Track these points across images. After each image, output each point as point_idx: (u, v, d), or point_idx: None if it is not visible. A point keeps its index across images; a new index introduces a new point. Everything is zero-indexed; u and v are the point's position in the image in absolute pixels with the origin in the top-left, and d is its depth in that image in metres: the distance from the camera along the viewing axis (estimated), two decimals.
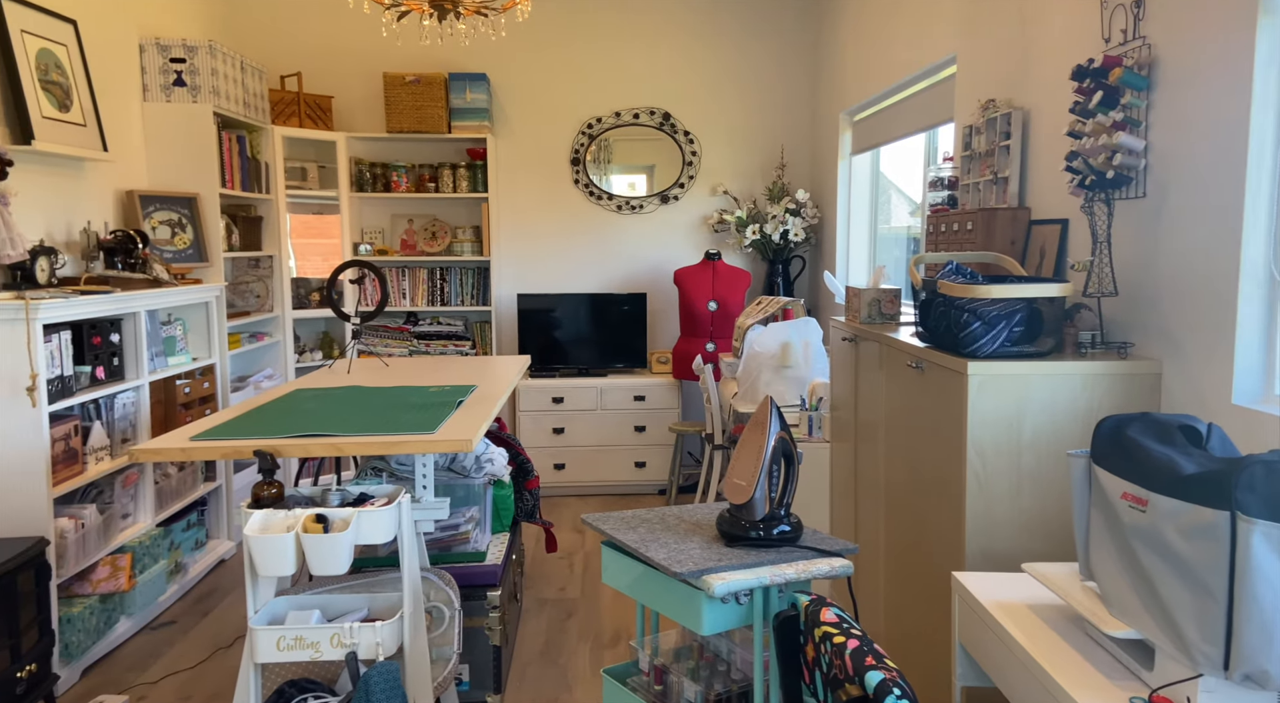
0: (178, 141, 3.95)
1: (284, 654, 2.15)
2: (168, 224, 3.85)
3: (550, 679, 2.87)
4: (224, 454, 2.33)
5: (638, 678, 1.92)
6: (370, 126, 5.01)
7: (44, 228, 3.20)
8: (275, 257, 4.58)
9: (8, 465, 2.70)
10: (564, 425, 4.87)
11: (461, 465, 2.97)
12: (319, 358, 4.89)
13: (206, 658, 3.01)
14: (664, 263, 5.25)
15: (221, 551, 3.92)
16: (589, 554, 4.05)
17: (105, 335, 3.17)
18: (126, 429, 3.33)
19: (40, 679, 2.54)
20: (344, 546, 2.16)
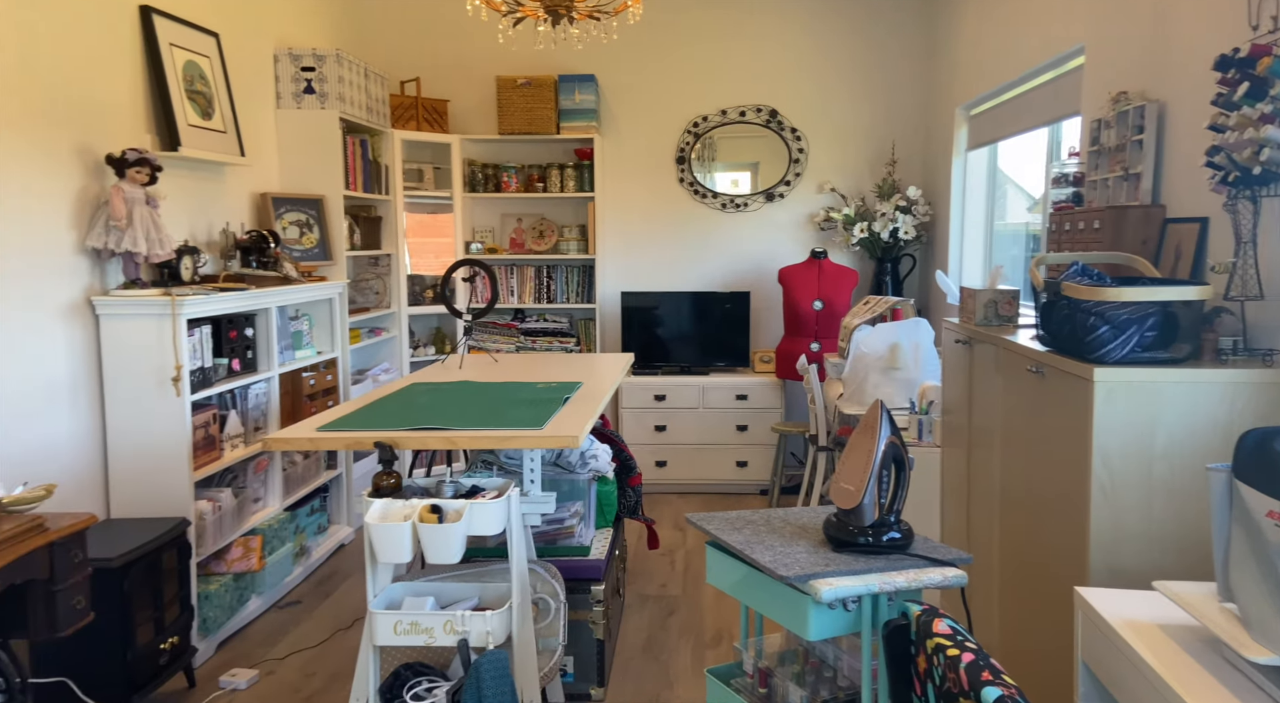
0: (307, 146, 4.18)
1: (400, 639, 2.24)
2: (297, 224, 4.08)
3: (652, 675, 2.89)
4: (347, 445, 2.45)
5: (741, 680, 1.92)
6: (483, 129, 5.16)
7: (188, 229, 3.44)
8: (393, 255, 4.78)
9: (155, 450, 2.92)
10: (666, 423, 4.89)
11: (567, 461, 3.03)
12: (432, 353, 5.08)
13: (328, 638, 3.18)
14: (768, 261, 5.20)
15: (341, 536, 4.13)
16: (690, 552, 4.05)
17: (241, 330, 3.39)
18: (258, 418, 3.54)
19: (181, 652, 2.74)
20: (457, 536, 2.24)
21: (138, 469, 2.92)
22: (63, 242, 2.77)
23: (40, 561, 2.08)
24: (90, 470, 2.86)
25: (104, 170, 2.94)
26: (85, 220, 2.86)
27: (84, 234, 2.85)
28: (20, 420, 2.58)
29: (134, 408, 2.91)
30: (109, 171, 2.92)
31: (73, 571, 2.15)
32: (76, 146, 2.83)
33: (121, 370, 2.91)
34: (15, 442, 2.56)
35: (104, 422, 2.91)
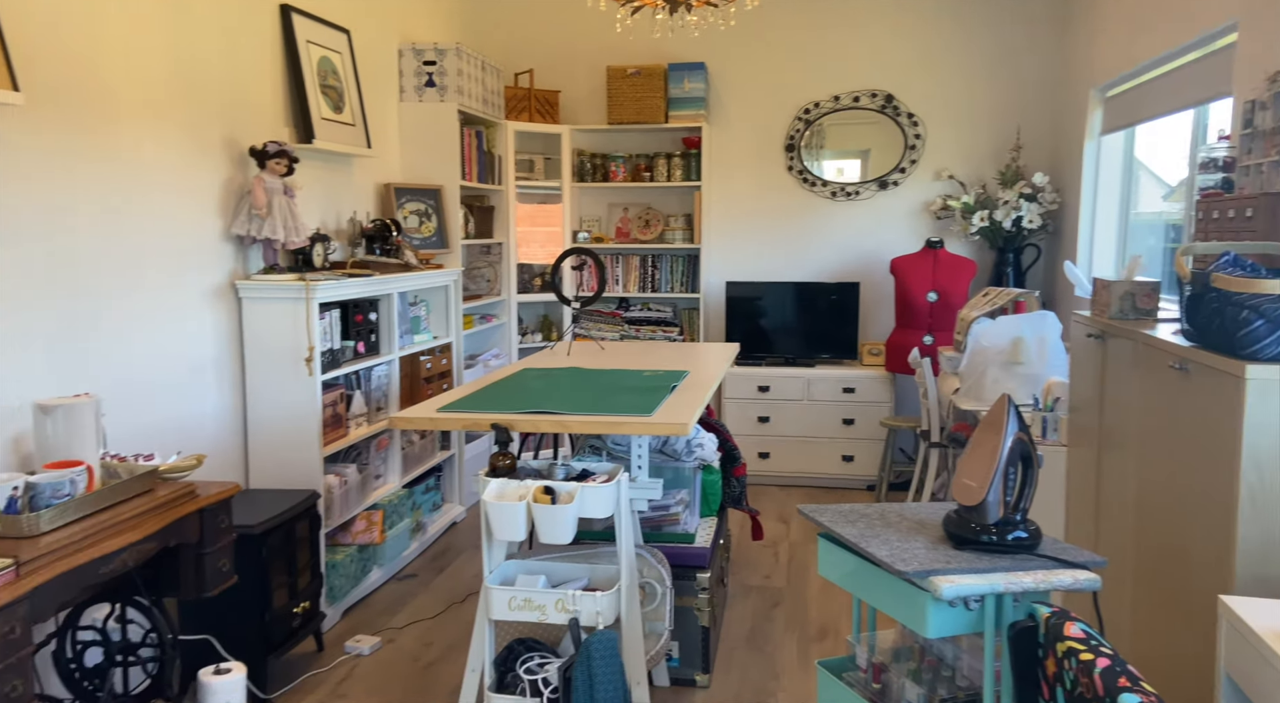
0: (426, 138, 4.33)
1: (514, 614, 2.32)
2: (416, 213, 4.24)
3: (757, 666, 2.88)
4: (465, 425, 2.54)
5: (854, 674, 1.89)
6: (592, 119, 5.23)
7: (319, 217, 3.63)
8: (504, 244, 4.91)
9: (290, 427, 3.10)
10: (769, 415, 4.85)
11: (673, 449, 3.05)
12: (539, 340, 5.19)
13: (443, 610, 3.31)
14: (879, 251, 5.07)
15: (454, 514, 4.28)
16: (794, 545, 4.02)
17: (365, 314, 3.55)
18: (380, 399, 3.71)
19: (311, 616, 2.91)
20: (569, 517, 2.29)
21: (273, 443, 3.11)
22: (211, 229, 2.97)
23: (191, 525, 2.24)
24: (232, 443, 3.07)
25: (247, 161, 3.13)
26: (230, 209, 3.06)
27: (229, 222, 3.05)
28: (172, 395, 2.79)
29: (271, 386, 3.10)
30: (251, 163, 3.11)
31: (219, 535, 2.32)
32: (224, 139, 3.02)
33: (260, 350, 3.10)
34: (167, 415, 2.77)
35: (244, 398, 3.11)
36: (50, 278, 2.33)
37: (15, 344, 2.23)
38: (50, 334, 2.33)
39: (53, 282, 2.34)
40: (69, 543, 1.87)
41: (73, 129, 2.40)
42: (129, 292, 2.61)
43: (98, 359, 2.49)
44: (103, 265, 2.51)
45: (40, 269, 2.30)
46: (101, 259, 2.51)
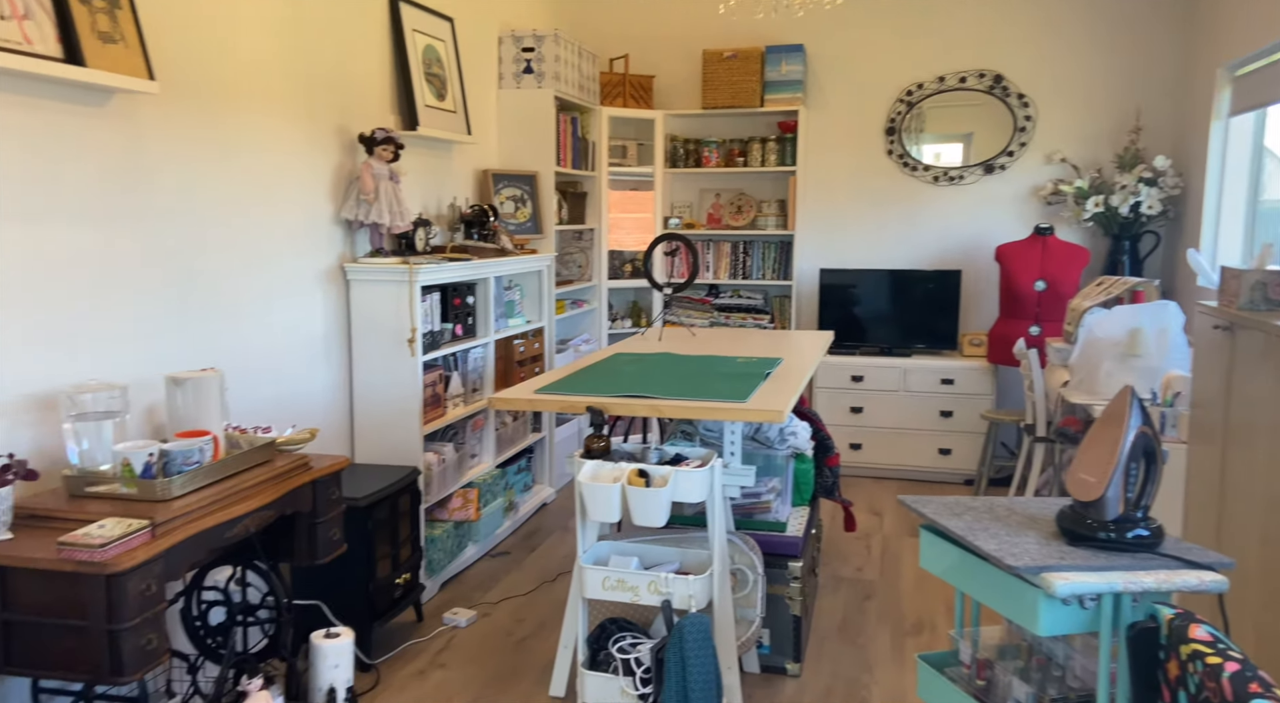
0: (523, 124, 4.40)
1: (607, 593, 2.35)
2: (512, 199, 4.31)
3: (849, 657, 2.85)
4: (561, 407, 2.58)
5: (956, 669, 1.85)
6: (686, 104, 5.21)
7: (421, 202, 3.73)
8: (596, 229, 4.95)
9: (393, 405, 3.22)
10: (863, 405, 4.76)
11: (765, 436, 3.03)
12: (629, 326, 5.22)
13: (535, 588, 3.38)
14: (983, 238, 4.89)
15: (544, 495, 4.37)
16: (887, 538, 3.94)
17: (464, 297, 3.64)
18: (476, 380, 3.81)
19: (411, 588, 3.02)
20: (663, 500, 2.31)
21: (377, 420, 3.23)
22: (322, 213, 3.10)
23: (305, 495, 2.35)
24: (339, 419, 3.21)
25: (356, 148, 3.24)
26: (340, 194, 3.18)
27: (339, 206, 3.17)
28: (286, 371, 2.93)
29: (376, 365, 3.22)
30: (360, 149, 3.22)
31: (330, 506, 2.43)
32: (335, 127, 3.14)
33: (366, 331, 3.22)
34: (282, 390, 2.91)
35: (351, 376, 3.24)
36: (180, 260, 2.48)
37: (150, 322, 2.38)
38: (180, 312, 2.48)
39: (182, 263, 2.49)
40: (197, 508, 1.99)
41: (199, 118, 2.54)
42: (248, 273, 2.75)
43: (220, 336, 2.64)
44: (225, 248, 2.65)
45: (171, 251, 2.45)
46: (224, 242, 2.65)
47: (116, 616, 1.74)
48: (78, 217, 2.16)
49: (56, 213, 2.11)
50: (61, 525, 1.87)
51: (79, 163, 2.16)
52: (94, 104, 2.19)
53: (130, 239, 2.32)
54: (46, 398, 2.09)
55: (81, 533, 1.76)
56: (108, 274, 2.25)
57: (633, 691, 2.25)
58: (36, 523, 1.88)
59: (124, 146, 2.28)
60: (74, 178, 2.15)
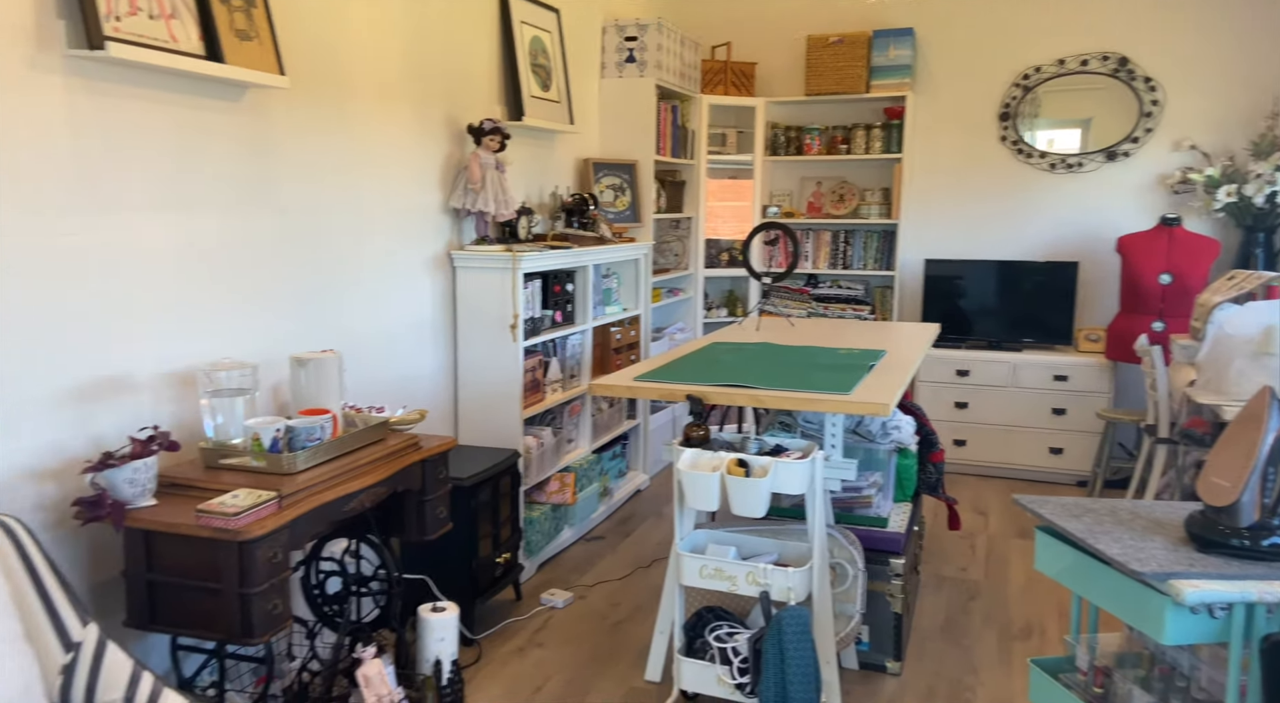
0: (624, 113, 4.43)
1: (704, 581, 2.36)
2: (612, 188, 4.35)
3: (952, 658, 2.78)
4: (661, 395, 2.60)
5: (1071, 676, 1.78)
6: (788, 91, 5.13)
7: (524, 191, 3.81)
8: (694, 218, 4.94)
9: (496, 389, 3.31)
10: (968, 400, 4.61)
11: (867, 430, 2.97)
12: (724, 315, 5.20)
13: (629, 573, 3.43)
14: (1103, 228, 4.65)
15: (638, 482, 4.41)
16: (993, 538, 3.81)
17: (563, 285, 3.70)
18: (574, 367, 3.87)
19: (511, 567, 3.10)
20: (763, 491, 2.30)
21: (480, 403, 3.32)
22: (431, 202, 3.20)
23: (415, 474, 2.44)
24: (444, 401, 3.31)
25: (464, 138, 3.33)
26: (448, 183, 3.27)
27: (447, 195, 3.27)
28: (397, 354, 3.04)
29: (479, 350, 3.31)
30: (468, 139, 3.31)
31: (438, 485, 2.51)
32: (445, 117, 3.23)
33: (471, 316, 3.31)
34: (393, 372, 3.02)
35: (456, 360, 3.35)
36: (303, 247, 2.60)
37: (277, 304, 2.51)
38: (302, 296, 2.61)
39: (305, 250, 2.61)
40: (319, 482, 2.10)
41: (322, 111, 2.65)
42: (363, 260, 2.86)
43: (338, 319, 2.76)
44: (343, 236, 2.77)
45: (296, 239, 2.57)
46: (342, 230, 2.77)
47: (247, 580, 1.85)
48: (214, 206, 2.30)
49: (197, 203, 2.25)
50: (199, 494, 2.00)
51: (216, 155, 2.29)
52: (230, 99, 2.32)
53: (259, 227, 2.45)
54: (186, 375, 2.24)
55: (217, 502, 1.87)
56: (240, 260, 2.39)
57: (729, 679, 2.25)
58: (177, 491, 2.02)
59: (255, 139, 2.41)
60: (211, 170, 2.28)
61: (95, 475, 1.88)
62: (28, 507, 1.87)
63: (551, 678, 2.64)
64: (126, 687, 1.64)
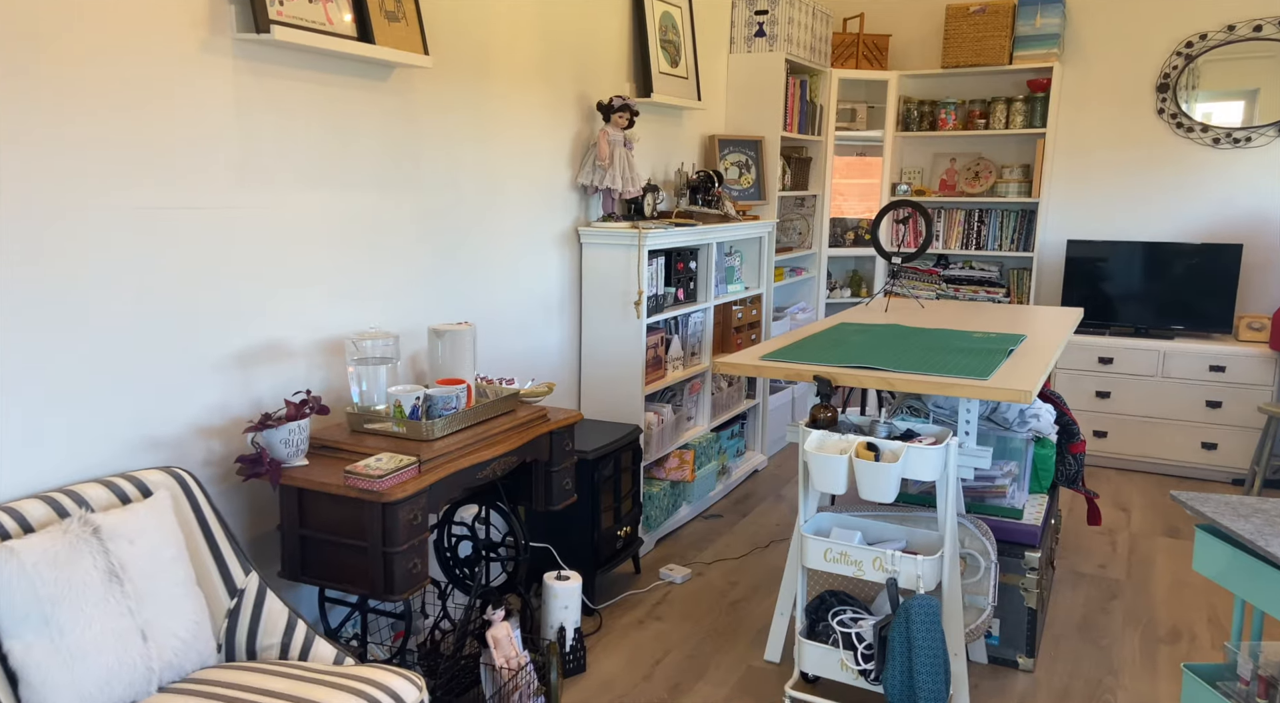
0: (751, 89, 4.36)
1: (828, 565, 2.32)
2: (737, 165, 4.30)
3: (1090, 658, 2.64)
4: (787, 375, 2.56)
5: (1230, 684, 1.65)
6: (923, 63, 4.92)
7: (650, 168, 3.81)
8: (819, 196, 4.82)
9: (619, 365, 3.35)
10: (1110, 390, 4.34)
11: (1003, 417, 2.84)
12: (847, 295, 5.07)
13: (747, 553, 3.42)
14: (1271, 208, 4.26)
15: (756, 462, 4.38)
16: (1136, 536, 3.59)
17: (686, 263, 3.69)
18: (694, 345, 3.87)
19: (631, 541, 3.15)
20: (894, 476, 2.23)
21: (602, 378, 3.37)
22: (561, 179, 3.25)
23: (543, 445, 2.51)
24: (569, 375, 3.38)
25: (593, 116, 3.36)
26: (577, 160, 3.31)
27: (576, 172, 3.31)
28: (524, 327, 3.12)
29: (603, 325, 3.36)
30: (598, 117, 3.33)
31: (565, 457, 2.57)
32: (576, 95, 3.27)
33: (596, 292, 3.35)
34: (521, 346, 3.10)
35: (580, 335, 3.40)
36: (441, 222, 2.70)
37: (415, 277, 2.62)
38: (438, 269, 2.71)
39: (443, 225, 2.71)
40: (454, 449, 2.18)
41: (461, 90, 2.73)
42: (496, 235, 2.94)
43: (470, 292, 2.85)
44: (478, 211, 2.85)
45: (434, 214, 2.67)
46: (477, 206, 2.85)
47: (390, 540, 1.95)
48: (361, 183, 2.41)
49: (346, 179, 2.36)
50: (345, 457, 2.12)
51: (363, 134, 2.40)
52: (377, 78, 2.42)
53: (401, 203, 2.55)
54: (334, 343, 2.37)
55: (363, 465, 1.98)
56: (383, 235, 2.50)
57: (853, 665, 2.22)
58: (326, 453, 2.15)
59: (400, 118, 2.51)
60: (359, 148, 2.39)
61: (255, 435, 2.02)
62: (197, 462, 2.03)
63: (671, 652, 2.67)
64: (283, 633, 1.76)
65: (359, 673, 1.63)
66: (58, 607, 1.39)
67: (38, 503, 1.57)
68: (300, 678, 1.59)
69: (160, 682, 1.54)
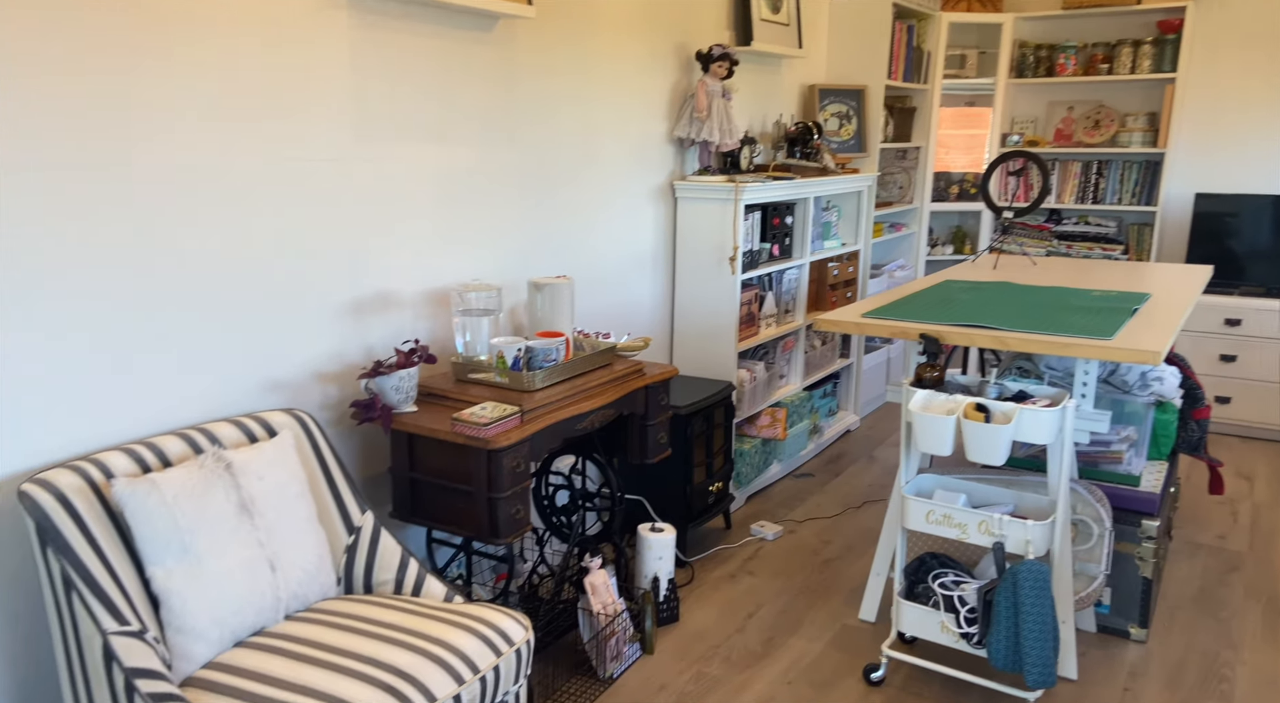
0: (855, 35, 4.18)
1: (930, 527, 2.27)
2: (837, 116, 4.16)
3: (1208, 631, 2.52)
4: (891, 333, 2.48)
5: None
6: (1042, 4, 4.62)
7: (747, 119, 3.72)
8: (922, 148, 4.63)
9: (712, 321, 3.32)
10: (1236, 353, 4.07)
11: (1122, 380, 2.69)
12: (949, 253, 4.89)
13: (839, 513, 3.37)
14: None
15: (848, 422, 4.30)
16: (1259, 506, 3.38)
17: (782, 217, 3.61)
18: (788, 302, 3.79)
19: (722, 497, 3.15)
20: (1004, 438, 2.15)
21: (695, 334, 3.35)
22: (657, 132, 3.20)
23: (639, 399, 2.51)
24: (661, 330, 3.37)
25: (691, 67, 3.29)
26: (674, 113, 3.26)
27: (672, 125, 3.26)
28: (618, 282, 3.12)
29: (696, 282, 3.32)
30: (695, 67, 3.26)
31: (659, 411, 2.57)
32: (674, 46, 3.20)
33: (690, 247, 3.32)
34: (614, 300, 3.11)
35: (673, 290, 3.38)
36: (540, 174, 2.70)
37: (517, 231, 2.64)
38: (537, 222, 2.72)
39: (542, 178, 2.71)
40: (554, 400, 2.20)
41: (561, 41, 2.71)
42: (593, 188, 2.93)
43: (567, 246, 2.86)
44: (577, 165, 2.84)
45: (534, 167, 2.67)
46: (576, 159, 2.84)
47: (495, 485, 2.00)
48: (465, 136, 2.43)
49: (452, 132, 2.38)
50: (451, 404, 2.17)
51: (468, 86, 2.41)
52: (482, 29, 2.41)
53: (502, 156, 2.56)
54: (439, 294, 2.42)
55: (469, 413, 2.02)
56: (485, 188, 2.52)
57: (955, 628, 2.17)
58: (433, 400, 2.20)
59: (502, 70, 2.51)
60: (464, 100, 2.40)
61: (368, 381, 2.09)
62: (315, 405, 2.12)
63: (764, 606, 2.68)
64: (397, 569, 1.84)
65: (470, 611, 1.68)
66: (195, 536, 1.48)
67: (175, 439, 1.66)
68: (417, 613, 1.65)
69: (287, 610, 1.63)
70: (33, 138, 1.54)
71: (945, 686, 2.29)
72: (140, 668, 1.37)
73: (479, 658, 1.56)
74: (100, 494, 1.49)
